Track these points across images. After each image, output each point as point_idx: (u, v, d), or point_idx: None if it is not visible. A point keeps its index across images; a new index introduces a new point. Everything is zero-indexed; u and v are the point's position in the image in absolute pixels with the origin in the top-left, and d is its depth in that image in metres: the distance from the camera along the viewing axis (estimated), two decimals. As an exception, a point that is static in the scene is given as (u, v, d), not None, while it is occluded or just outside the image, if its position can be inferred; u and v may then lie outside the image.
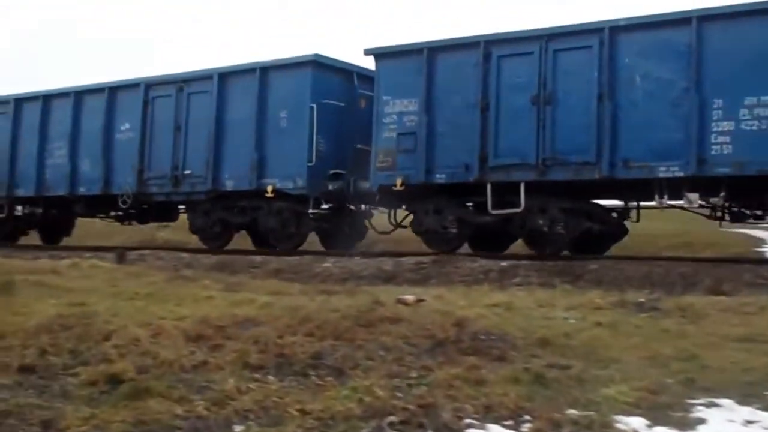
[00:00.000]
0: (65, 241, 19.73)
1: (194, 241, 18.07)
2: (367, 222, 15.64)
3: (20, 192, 18.85)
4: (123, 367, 5.19)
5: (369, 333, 6.03)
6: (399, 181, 13.85)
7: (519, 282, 10.19)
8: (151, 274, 9.86)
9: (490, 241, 14.14)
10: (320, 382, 5.14)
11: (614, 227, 13.68)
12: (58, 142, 18.20)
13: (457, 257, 12.48)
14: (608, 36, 12.42)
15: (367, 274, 12.09)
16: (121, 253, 13.42)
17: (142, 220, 18.21)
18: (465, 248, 14.34)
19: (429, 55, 13.93)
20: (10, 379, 5.13)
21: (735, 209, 12.01)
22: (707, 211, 12.36)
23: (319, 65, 15.05)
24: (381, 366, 5.40)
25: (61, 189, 18.00)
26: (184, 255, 14.69)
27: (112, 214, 18.22)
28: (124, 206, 17.25)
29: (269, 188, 14.92)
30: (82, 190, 17.89)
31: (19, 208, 19.13)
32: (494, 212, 13.19)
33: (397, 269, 11.98)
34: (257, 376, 5.21)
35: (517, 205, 12.85)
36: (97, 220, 19.14)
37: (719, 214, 12.23)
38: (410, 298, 7.02)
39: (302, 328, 6.11)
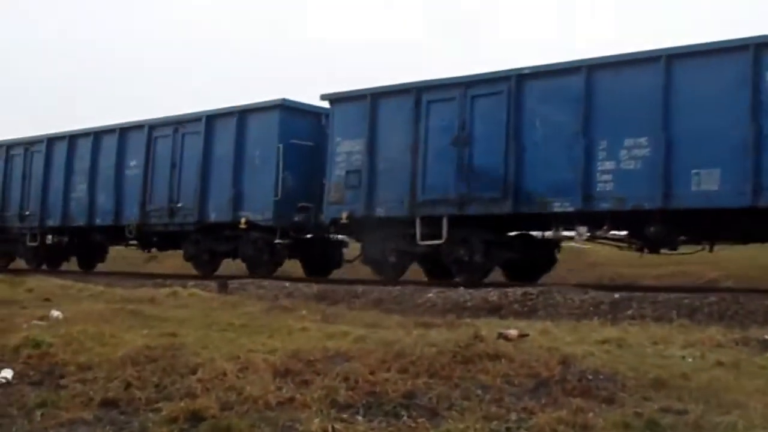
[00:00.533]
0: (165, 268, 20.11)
1: (297, 270, 18.29)
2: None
3: (50, 222, 20.77)
4: (206, 403, 4.99)
5: (467, 370, 5.64)
6: (345, 215, 15.33)
7: (632, 315, 9.54)
8: (248, 304, 9.75)
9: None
10: (412, 424, 4.81)
11: (541, 257, 15.03)
12: (80, 177, 20.12)
13: (567, 288, 11.89)
14: (515, 83, 13.68)
15: (471, 306, 11.66)
16: (222, 283, 13.42)
17: (147, 249, 20.08)
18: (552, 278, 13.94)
19: (372, 100, 15.34)
20: (91, 414, 5.01)
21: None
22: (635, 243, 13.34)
23: (287, 108, 16.68)
24: (478, 407, 5.01)
25: (81, 220, 19.92)
26: (287, 284, 14.59)
27: (130, 242, 19.93)
28: (129, 236, 19.03)
29: (242, 220, 16.56)
30: (98, 221, 19.75)
31: (50, 237, 20.92)
32: (421, 243, 14.63)
33: (503, 300, 11.50)
34: (345, 416, 4.91)
35: (441, 237, 14.24)
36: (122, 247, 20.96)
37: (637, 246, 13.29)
38: (513, 332, 6.57)
39: (396, 364, 5.76)
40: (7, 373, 5.87)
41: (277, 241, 16.40)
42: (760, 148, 11.36)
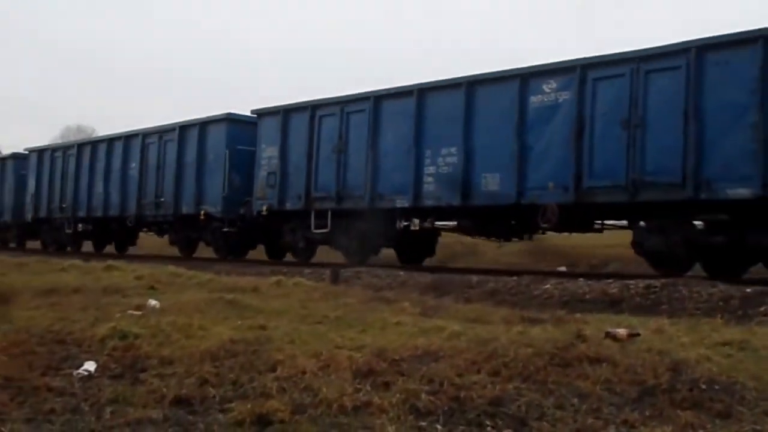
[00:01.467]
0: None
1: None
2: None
3: (79, 213, 24.78)
4: (276, 405, 4.73)
5: (564, 375, 5.16)
6: (264, 208, 18.68)
7: (765, 312, 8.67)
8: (351, 295, 9.49)
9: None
10: (496, 436, 4.38)
11: (421, 246, 17.99)
12: (98, 176, 23.99)
13: (695, 281, 11.02)
14: (373, 104, 16.92)
15: (590, 298, 11.00)
16: (335, 272, 13.24)
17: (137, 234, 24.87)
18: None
19: (284, 114, 18.68)
20: (160, 413, 4.83)
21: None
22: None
23: (232, 120, 20.04)
24: (572, 417, 4.55)
25: (99, 212, 23.96)
26: (401, 273, 14.30)
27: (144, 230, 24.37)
28: (129, 225, 23.20)
29: (202, 212, 19.90)
30: (111, 212, 23.55)
31: (80, 225, 24.96)
32: (315, 231, 17.87)
33: (624, 293, 10.78)
34: (423, 423, 4.55)
35: (327, 227, 17.51)
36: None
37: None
38: (622, 332, 5.99)
39: (487, 366, 5.35)
40: (91, 366, 5.81)
41: (225, 229, 19.65)
42: (523, 158, 14.30)
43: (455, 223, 16.31)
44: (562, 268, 17.29)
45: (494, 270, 15.05)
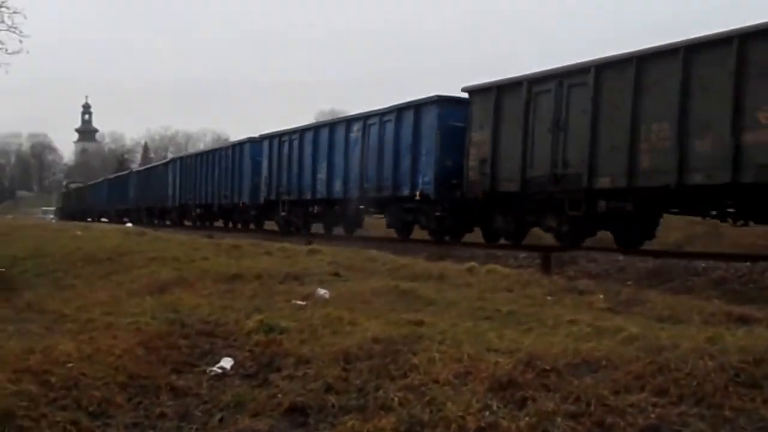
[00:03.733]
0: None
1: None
2: None
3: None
4: (384, 424, 4.18)
5: (749, 399, 4.15)
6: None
7: None
8: (540, 284, 8.67)
9: None
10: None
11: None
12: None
13: None
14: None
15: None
16: (545, 257, 12.27)
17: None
18: None
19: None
20: (267, 423, 4.45)
21: None
22: None
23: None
24: (745, 460, 3.57)
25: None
26: (620, 258, 13.11)
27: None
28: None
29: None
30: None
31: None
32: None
33: None
34: (546, 458, 3.78)
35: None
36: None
37: None
38: None
39: (653, 382, 4.47)
40: (227, 363, 5.60)
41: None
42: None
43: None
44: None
45: (728, 255, 13.35)
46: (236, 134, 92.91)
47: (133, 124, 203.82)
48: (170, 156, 68.76)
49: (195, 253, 12.64)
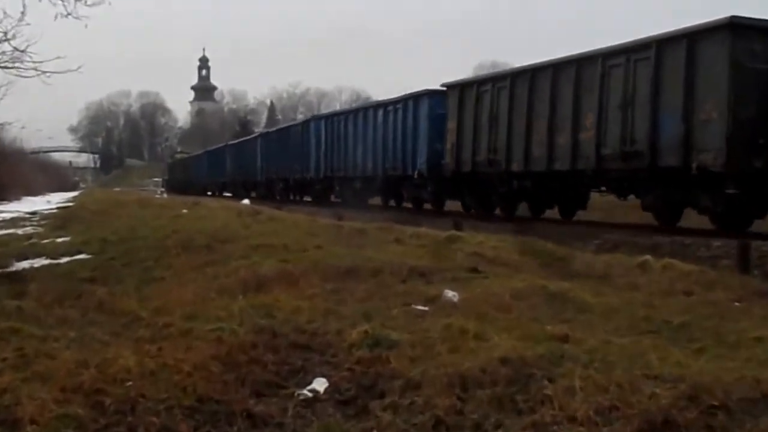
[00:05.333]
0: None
1: None
2: None
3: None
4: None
5: None
6: None
7: None
8: (727, 287, 8.25)
9: None
10: None
11: None
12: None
13: None
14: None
15: None
16: (742, 248, 11.61)
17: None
18: None
19: None
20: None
21: None
22: None
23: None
24: None
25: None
26: None
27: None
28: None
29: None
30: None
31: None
32: None
33: None
34: None
35: None
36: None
37: None
38: None
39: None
40: (320, 385, 5.60)
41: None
42: None
43: None
44: None
45: None
46: (378, 92, 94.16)
47: (256, 81, 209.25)
48: (301, 117, 71.20)
49: (309, 240, 12.83)
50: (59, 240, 17.42)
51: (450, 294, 7.78)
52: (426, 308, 7.37)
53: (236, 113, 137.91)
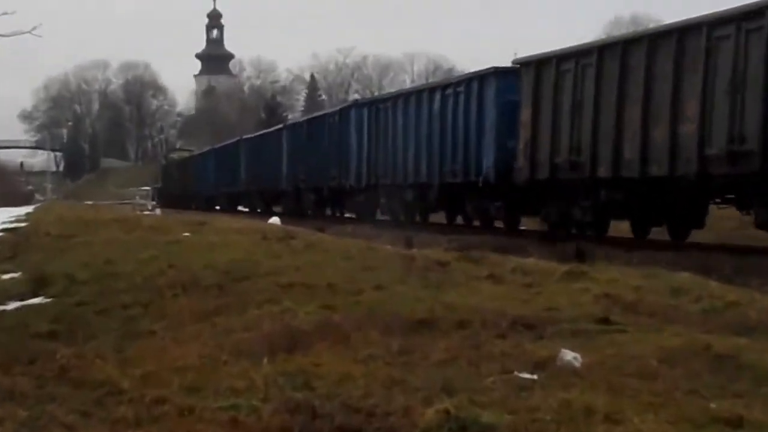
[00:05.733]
0: None
1: None
2: None
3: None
4: None
5: None
6: None
7: None
8: None
9: None
10: None
11: None
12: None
13: None
14: None
15: None
16: None
17: None
18: None
19: None
20: None
21: None
22: None
23: None
24: None
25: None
26: None
27: None
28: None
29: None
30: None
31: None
32: None
33: None
34: None
35: None
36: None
37: None
38: None
39: None
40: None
41: None
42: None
43: None
44: None
45: None
46: (466, 63, 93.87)
47: (289, 46, 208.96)
48: (355, 99, 70.88)
49: (364, 277, 12.96)
50: (5, 277, 17.74)
51: (569, 356, 7.84)
52: (534, 376, 7.45)
53: (261, 93, 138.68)
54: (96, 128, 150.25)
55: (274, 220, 35.92)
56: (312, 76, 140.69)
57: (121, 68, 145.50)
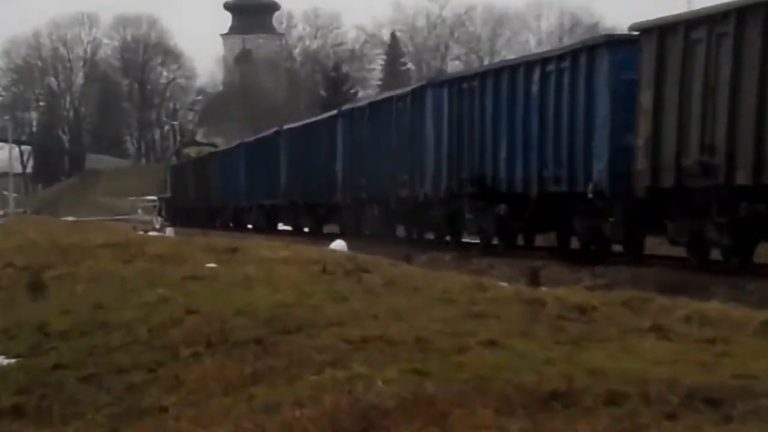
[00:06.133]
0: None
1: None
2: None
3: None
4: None
5: None
6: None
7: None
8: None
9: None
10: None
11: None
12: None
13: None
14: None
15: None
16: None
17: None
18: None
19: None
20: None
21: None
22: None
23: None
24: None
25: None
26: None
27: None
28: None
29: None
30: None
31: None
32: None
33: None
34: None
35: None
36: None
37: None
38: None
39: None
40: None
41: None
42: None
43: None
44: None
45: None
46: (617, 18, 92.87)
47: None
48: (456, 69, 71.21)
49: (472, 328, 12.94)
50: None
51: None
52: None
53: (320, 60, 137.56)
54: (80, 112, 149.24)
55: (338, 244, 35.95)
56: (393, 36, 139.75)
57: (116, 24, 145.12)
